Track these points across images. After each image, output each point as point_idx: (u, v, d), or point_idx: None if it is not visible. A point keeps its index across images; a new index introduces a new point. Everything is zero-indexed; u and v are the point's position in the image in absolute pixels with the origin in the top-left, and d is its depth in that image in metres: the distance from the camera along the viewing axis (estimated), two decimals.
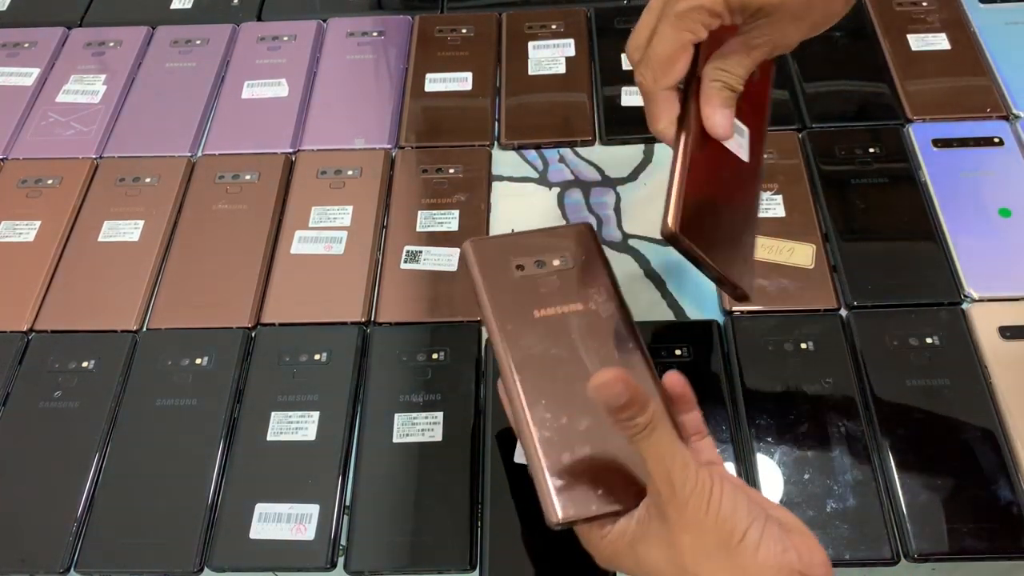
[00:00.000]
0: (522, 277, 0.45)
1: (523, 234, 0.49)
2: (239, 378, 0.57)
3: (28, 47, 0.79)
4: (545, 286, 0.45)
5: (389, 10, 0.82)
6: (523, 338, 0.43)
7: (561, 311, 0.44)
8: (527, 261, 0.46)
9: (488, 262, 0.46)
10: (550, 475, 0.39)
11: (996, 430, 0.51)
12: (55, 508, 0.52)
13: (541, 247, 0.47)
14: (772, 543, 0.35)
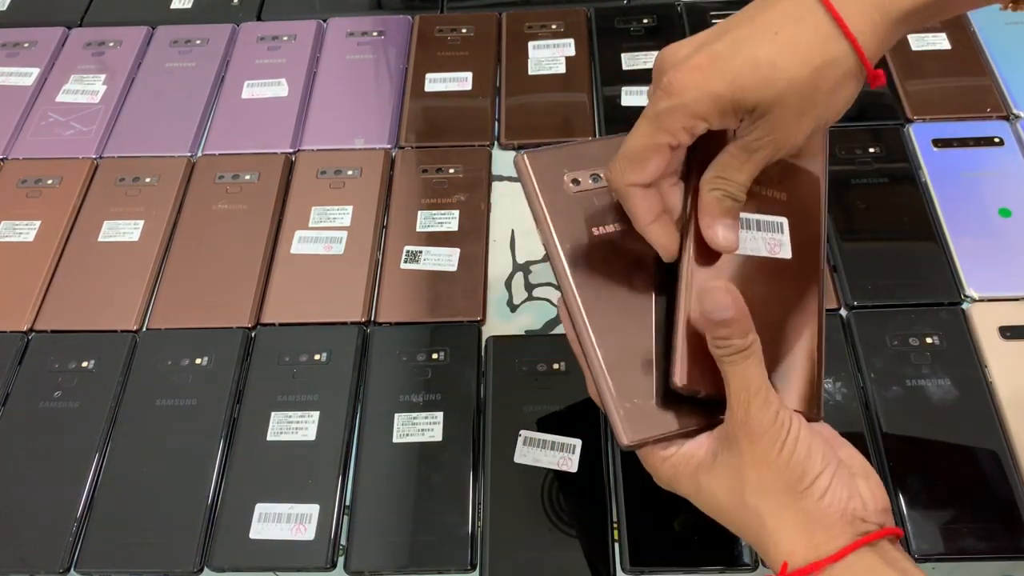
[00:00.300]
0: (579, 193, 0.43)
1: (579, 144, 0.45)
2: (239, 378, 0.57)
3: (28, 47, 0.79)
4: (602, 202, 0.43)
5: (389, 10, 0.82)
6: (583, 257, 0.41)
7: (620, 228, 0.42)
8: (582, 175, 0.43)
9: (545, 177, 0.43)
10: (616, 395, 0.38)
11: (996, 430, 0.51)
12: (55, 508, 0.52)
13: (596, 158, 0.43)
14: (840, 489, 0.35)
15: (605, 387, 0.39)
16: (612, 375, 0.39)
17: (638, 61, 0.74)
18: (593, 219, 0.42)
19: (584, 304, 0.40)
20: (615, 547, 0.49)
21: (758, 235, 0.41)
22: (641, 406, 0.38)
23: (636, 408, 0.38)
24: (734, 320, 0.35)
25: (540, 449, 0.52)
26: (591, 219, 0.42)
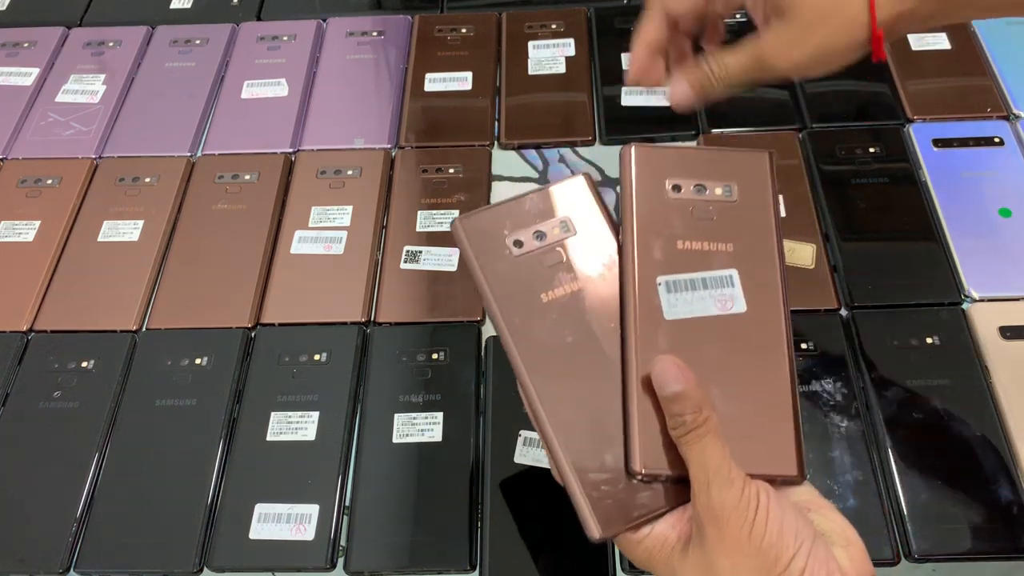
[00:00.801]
0: (522, 255, 0.40)
1: (517, 200, 0.41)
2: (239, 378, 0.57)
3: (28, 47, 0.79)
4: (549, 262, 0.40)
5: (389, 10, 0.82)
6: (533, 330, 0.38)
7: (570, 290, 0.39)
8: (524, 235, 0.40)
9: (482, 242, 0.40)
10: (581, 487, 0.36)
11: (996, 430, 0.51)
12: (55, 508, 0.52)
13: (537, 214, 0.41)
14: (817, 568, 0.32)
15: (568, 474, 0.36)
16: (573, 460, 0.36)
17: None
18: (540, 284, 0.39)
19: (535, 383, 0.37)
20: (615, 547, 0.49)
21: (705, 294, 0.38)
22: (609, 493, 0.36)
23: (604, 496, 0.36)
24: (685, 395, 0.34)
25: (540, 449, 0.52)
26: (538, 284, 0.39)
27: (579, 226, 0.41)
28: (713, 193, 0.40)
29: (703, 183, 0.40)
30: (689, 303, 0.38)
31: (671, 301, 0.38)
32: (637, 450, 0.35)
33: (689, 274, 0.38)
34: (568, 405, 0.37)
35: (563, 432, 0.37)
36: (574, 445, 0.36)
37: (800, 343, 0.55)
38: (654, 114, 0.70)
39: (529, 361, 0.38)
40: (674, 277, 0.38)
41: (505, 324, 0.38)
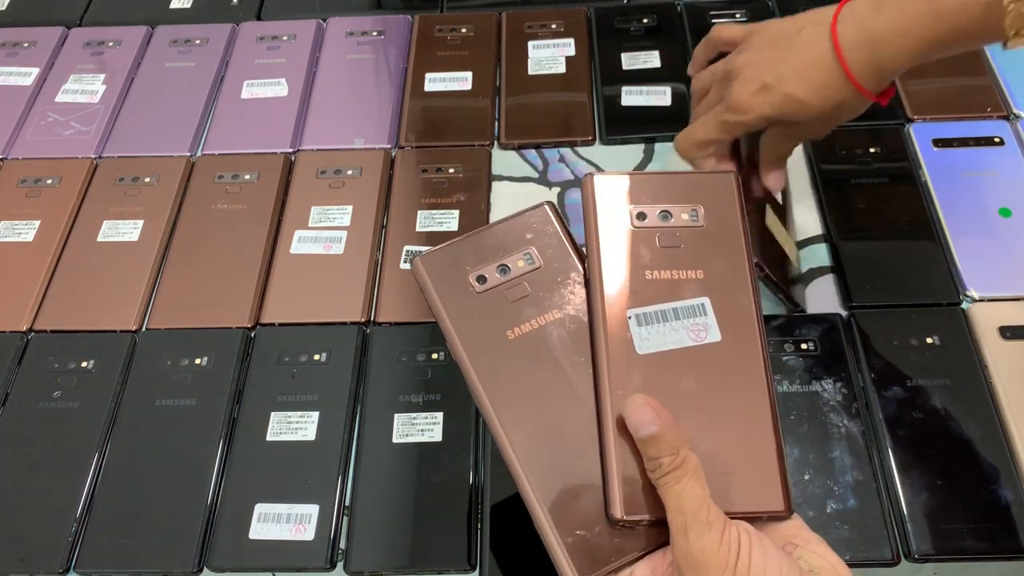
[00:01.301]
0: (486, 292, 0.39)
1: (479, 234, 0.41)
2: (239, 378, 0.57)
3: (27, 47, 0.79)
4: (514, 297, 0.39)
5: (389, 9, 0.82)
6: (500, 369, 0.37)
7: (537, 325, 0.38)
8: (487, 270, 0.39)
9: (445, 280, 0.39)
10: (556, 533, 0.35)
11: (997, 430, 0.51)
12: (54, 508, 0.52)
13: (500, 248, 0.40)
14: None
15: (541, 518, 0.35)
16: (547, 505, 0.35)
17: (638, 61, 0.74)
18: (506, 320, 0.38)
19: (504, 425, 0.36)
20: None
21: (677, 324, 0.37)
22: (586, 537, 0.34)
23: (581, 541, 0.34)
24: (660, 437, 0.33)
25: None
26: (504, 320, 0.38)
27: (544, 257, 0.40)
28: (679, 219, 0.39)
29: (668, 209, 0.39)
30: (661, 335, 0.37)
31: (642, 335, 0.37)
32: (618, 497, 0.34)
33: (659, 305, 0.37)
34: (540, 447, 0.36)
35: (536, 475, 0.35)
36: (548, 489, 0.35)
37: (800, 343, 0.55)
38: (654, 114, 0.70)
39: (498, 402, 0.36)
40: (644, 309, 0.37)
41: (471, 364, 0.37)
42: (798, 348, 0.55)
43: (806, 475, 0.50)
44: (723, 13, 0.77)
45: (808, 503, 0.49)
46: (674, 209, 0.39)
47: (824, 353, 0.55)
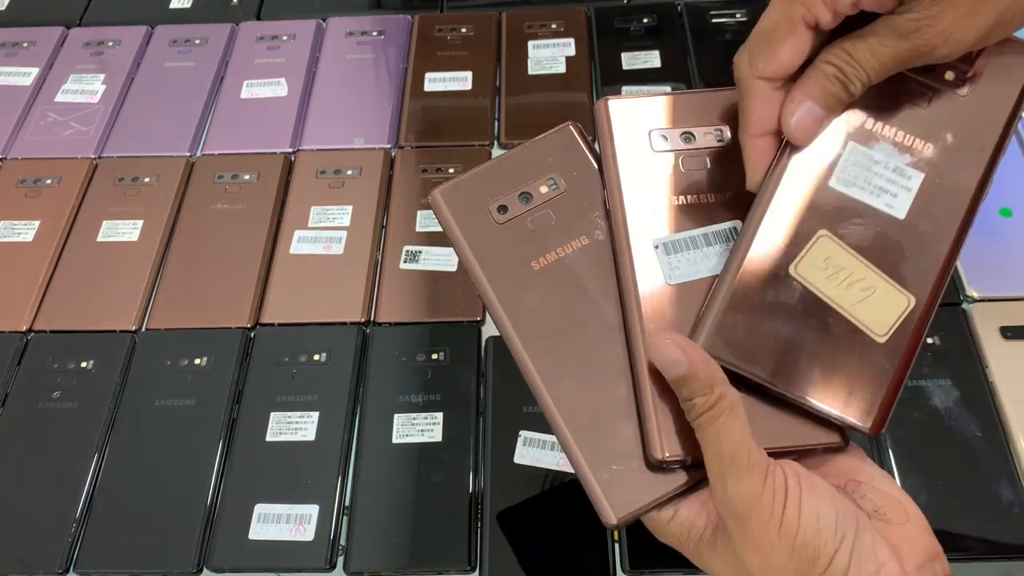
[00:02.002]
0: (508, 222, 0.37)
1: (499, 161, 0.38)
2: (238, 378, 0.57)
3: (27, 46, 0.79)
4: (537, 225, 0.37)
5: (389, 9, 0.81)
6: (526, 303, 0.35)
7: (563, 253, 0.36)
8: (509, 199, 0.37)
9: (465, 212, 0.37)
10: (590, 463, 0.33)
11: (997, 430, 0.51)
12: (54, 508, 0.52)
13: (521, 175, 0.38)
14: (865, 563, 0.28)
15: (576, 454, 0.33)
16: (580, 440, 0.33)
17: (638, 61, 0.74)
18: (530, 250, 0.36)
19: (534, 359, 0.35)
20: (615, 547, 0.49)
21: (709, 251, 0.35)
22: (622, 473, 0.33)
23: (616, 476, 0.33)
24: (691, 376, 0.30)
25: (540, 449, 0.52)
26: (528, 251, 0.36)
27: (569, 181, 0.37)
28: (703, 140, 0.37)
29: (690, 131, 0.37)
30: (692, 263, 0.35)
31: (672, 264, 0.35)
32: (657, 436, 0.32)
33: (688, 232, 0.35)
34: (572, 384, 0.34)
35: (569, 413, 0.34)
36: (581, 426, 0.34)
37: None
38: None
39: (526, 338, 0.35)
40: (672, 237, 0.35)
41: (497, 299, 0.35)
42: None
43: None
44: (723, 12, 0.76)
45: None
46: (697, 131, 0.37)
47: None
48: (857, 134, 0.34)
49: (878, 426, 0.32)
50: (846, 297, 0.33)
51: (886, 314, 0.32)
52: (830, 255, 0.33)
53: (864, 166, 0.34)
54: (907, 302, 0.33)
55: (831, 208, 0.33)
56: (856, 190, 0.34)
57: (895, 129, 0.34)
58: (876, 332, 0.32)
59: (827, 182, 0.34)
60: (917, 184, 0.34)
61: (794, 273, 0.33)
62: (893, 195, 0.34)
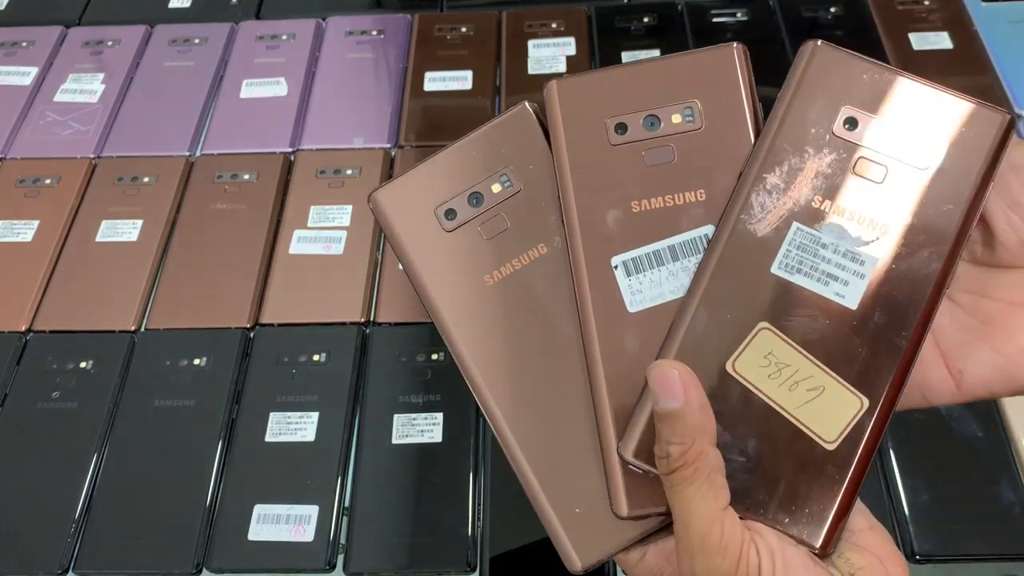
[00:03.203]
0: (457, 229, 0.33)
1: (446, 154, 0.34)
2: (238, 379, 0.56)
3: (26, 46, 0.79)
4: (491, 232, 0.32)
5: (388, 9, 0.81)
6: (480, 324, 0.31)
7: (520, 265, 0.32)
8: (457, 202, 0.33)
9: (408, 217, 0.33)
10: (554, 510, 0.30)
11: (999, 431, 0.51)
12: (53, 509, 0.52)
13: (471, 171, 0.33)
14: None
15: (539, 495, 0.30)
16: (543, 480, 0.30)
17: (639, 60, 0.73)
18: (483, 262, 0.32)
19: (491, 389, 0.31)
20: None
21: (676, 267, 0.30)
22: (587, 516, 0.30)
23: (581, 520, 0.30)
24: (678, 417, 0.26)
25: None
26: (481, 263, 0.32)
27: (524, 178, 0.33)
28: (670, 123, 0.31)
29: (655, 112, 0.31)
30: (657, 284, 0.30)
31: (633, 287, 0.30)
32: (621, 491, 0.29)
33: (652, 245, 0.31)
34: (533, 418, 0.31)
35: (530, 450, 0.31)
36: (543, 464, 0.30)
37: None
38: None
39: (482, 366, 0.31)
40: (633, 254, 0.31)
41: (448, 320, 0.32)
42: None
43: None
44: (724, 12, 0.76)
45: None
46: (663, 111, 0.31)
47: None
48: (802, 212, 0.29)
49: (827, 543, 0.28)
50: (790, 398, 0.28)
51: (835, 418, 0.28)
52: (772, 350, 0.29)
53: (810, 250, 0.29)
54: (859, 404, 0.28)
55: (773, 298, 0.29)
56: (801, 277, 0.29)
57: (846, 206, 0.29)
58: (824, 438, 0.28)
59: (768, 268, 0.29)
60: (871, 270, 0.29)
61: (732, 371, 0.29)
62: (844, 282, 0.29)
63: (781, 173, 0.30)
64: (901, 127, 0.30)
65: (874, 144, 0.30)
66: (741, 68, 0.32)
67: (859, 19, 0.74)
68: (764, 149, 0.30)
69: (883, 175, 0.29)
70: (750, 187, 0.30)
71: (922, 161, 0.29)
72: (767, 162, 0.30)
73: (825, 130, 0.30)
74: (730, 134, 0.31)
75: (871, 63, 0.30)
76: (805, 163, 0.30)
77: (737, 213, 0.29)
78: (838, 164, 0.30)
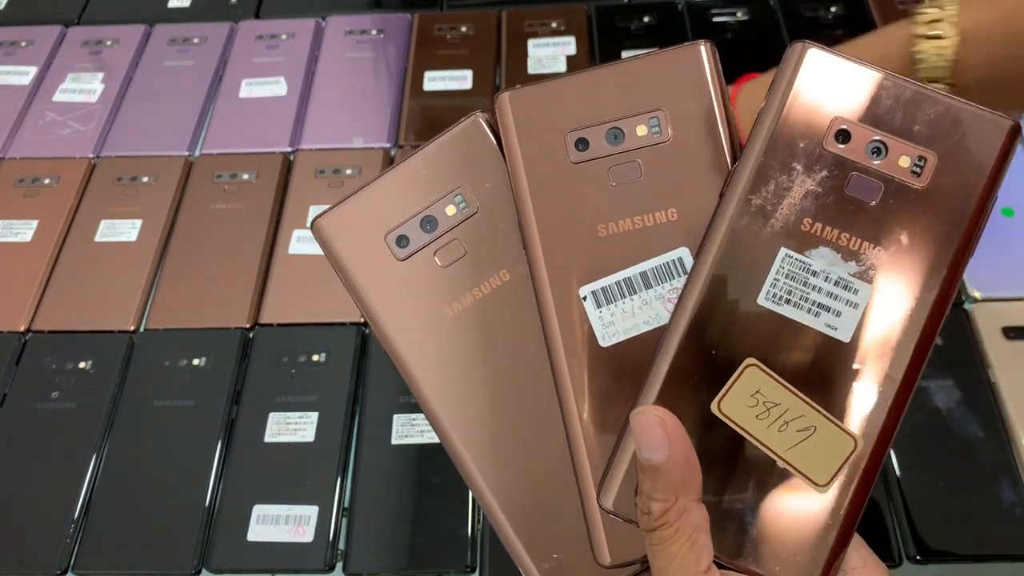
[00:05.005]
0: (410, 257, 0.30)
1: (393, 174, 0.31)
2: (237, 379, 0.56)
3: (25, 46, 0.79)
4: (447, 260, 0.30)
5: (388, 8, 0.81)
6: (443, 361, 0.30)
7: (479, 295, 0.30)
8: (409, 228, 0.30)
9: (357, 246, 0.31)
10: (530, 557, 0.29)
11: (1000, 431, 0.51)
12: (53, 509, 0.52)
13: (421, 192, 0.31)
14: None
15: (514, 542, 0.29)
16: (517, 526, 0.29)
17: None
18: (441, 293, 0.30)
19: (457, 431, 0.29)
20: None
21: (649, 295, 0.29)
22: (565, 563, 0.29)
23: (559, 567, 0.29)
24: (662, 471, 0.25)
25: None
26: (439, 295, 0.30)
27: (480, 198, 0.30)
28: (634, 135, 0.29)
29: (618, 124, 0.29)
30: (629, 315, 0.28)
31: (604, 319, 0.28)
32: (603, 539, 0.28)
33: (622, 272, 0.29)
34: (504, 461, 0.29)
35: (502, 495, 0.29)
36: (517, 510, 0.29)
37: None
38: None
39: (446, 407, 0.29)
40: (602, 283, 0.29)
41: (407, 358, 0.30)
42: None
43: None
44: (724, 11, 0.76)
45: None
46: (626, 123, 0.29)
47: None
48: (791, 237, 0.27)
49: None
50: (780, 440, 0.26)
51: (827, 459, 0.26)
52: (760, 388, 0.27)
53: (799, 278, 0.27)
54: (852, 444, 0.26)
55: (760, 331, 0.27)
56: (790, 308, 0.27)
57: (837, 230, 0.27)
58: (816, 480, 0.26)
59: (755, 299, 0.27)
60: (865, 299, 0.27)
61: (718, 411, 0.27)
62: (836, 313, 0.27)
63: (767, 193, 0.27)
64: (898, 139, 0.27)
65: (868, 159, 0.27)
66: (710, 69, 0.29)
67: (859, 19, 0.74)
68: (748, 166, 0.27)
69: (879, 193, 0.27)
70: (733, 209, 0.27)
71: (921, 176, 0.27)
72: (751, 181, 0.27)
73: (815, 144, 0.27)
74: (701, 145, 0.29)
75: (865, 66, 0.28)
76: (793, 182, 0.27)
77: (719, 238, 0.27)
78: (829, 182, 0.27)
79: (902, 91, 0.27)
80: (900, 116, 0.27)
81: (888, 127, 0.27)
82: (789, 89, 0.28)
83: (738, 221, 0.27)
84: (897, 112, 0.27)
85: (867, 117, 0.27)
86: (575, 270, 0.29)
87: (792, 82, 0.28)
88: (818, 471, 0.26)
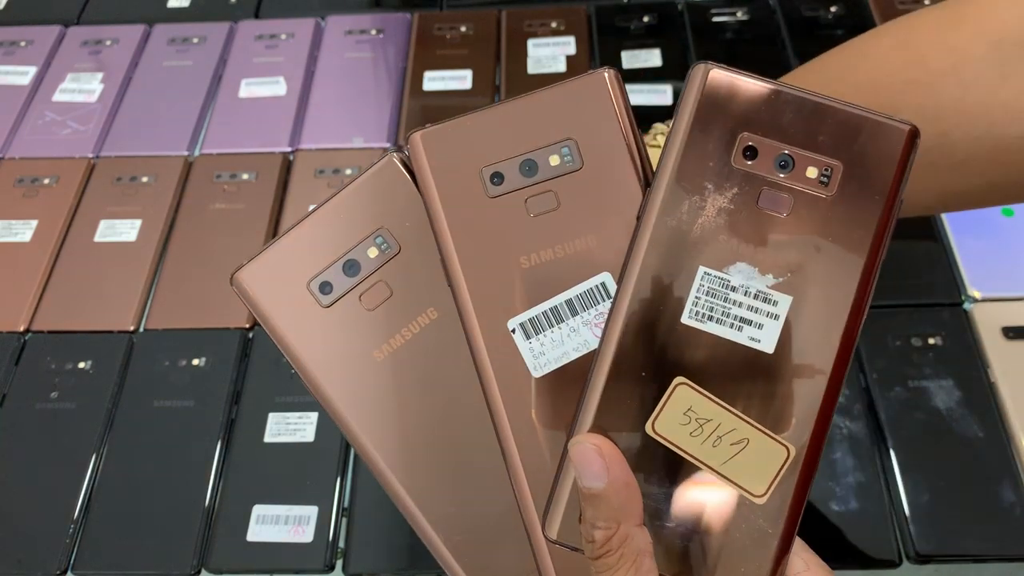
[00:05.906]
0: (334, 303, 0.30)
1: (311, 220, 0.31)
2: (237, 379, 0.56)
3: (25, 45, 0.79)
4: (373, 303, 0.30)
5: (388, 8, 0.81)
6: (374, 405, 0.30)
7: (408, 335, 0.30)
8: (331, 274, 0.30)
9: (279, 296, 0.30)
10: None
11: (999, 431, 0.51)
12: (52, 509, 0.52)
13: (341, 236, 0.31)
14: None
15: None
16: (463, 562, 0.29)
17: (639, 59, 0.73)
18: (369, 337, 0.30)
19: (396, 474, 0.29)
20: None
21: (576, 321, 0.29)
22: None
23: None
24: (602, 499, 0.25)
25: None
26: (367, 338, 0.30)
27: (401, 238, 0.31)
28: (548, 166, 0.29)
29: (531, 156, 0.29)
30: (558, 344, 0.29)
31: (535, 350, 0.29)
32: (551, 569, 0.28)
33: (548, 302, 0.29)
34: (446, 500, 0.29)
35: (446, 533, 0.29)
36: (461, 546, 0.29)
37: None
38: (655, 112, 0.70)
39: (383, 450, 0.29)
40: (529, 314, 0.29)
41: (339, 404, 0.29)
42: None
43: None
44: (724, 11, 0.76)
45: (809, 505, 0.49)
46: (539, 154, 0.29)
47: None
48: (708, 255, 0.27)
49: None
50: (715, 455, 0.27)
51: (763, 470, 0.27)
52: (691, 406, 0.27)
53: (720, 295, 0.27)
54: (785, 452, 0.27)
55: (686, 350, 0.27)
56: (714, 325, 0.27)
57: (753, 245, 0.27)
58: (753, 491, 0.27)
59: (679, 318, 0.27)
60: (785, 309, 0.27)
61: (652, 432, 0.27)
62: (758, 326, 0.27)
63: (682, 213, 0.28)
64: (803, 151, 0.28)
65: (776, 172, 0.28)
66: (615, 96, 0.30)
67: (859, 18, 0.74)
68: (661, 189, 0.28)
69: (788, 205, 0.28)
70: (650, 232, 0.27)
71: (828, 185, 0.28)
72: (665, 203, 0.28)
73: (724, 162, 0.28)
74: (614, 171, 0.29)
75: (766, 83, 0.28)
76: (706, 200, 0.28)
77: (640, 262, 0.27)
78: (741, 198, 0.28)
79: (804, 103, 0.28)
80: (804, 128, 0.28)
81: (793, 140, 0.28)
82: (695, 110, 0.28)
83: (656, 243, 0.27)
84: (801, 124, 0.28)
85: (772, 132, 0.28)
86: (501, 303, 0.29)
87: (697, 103, 0.28)
88: (754, 482, 0.27)
